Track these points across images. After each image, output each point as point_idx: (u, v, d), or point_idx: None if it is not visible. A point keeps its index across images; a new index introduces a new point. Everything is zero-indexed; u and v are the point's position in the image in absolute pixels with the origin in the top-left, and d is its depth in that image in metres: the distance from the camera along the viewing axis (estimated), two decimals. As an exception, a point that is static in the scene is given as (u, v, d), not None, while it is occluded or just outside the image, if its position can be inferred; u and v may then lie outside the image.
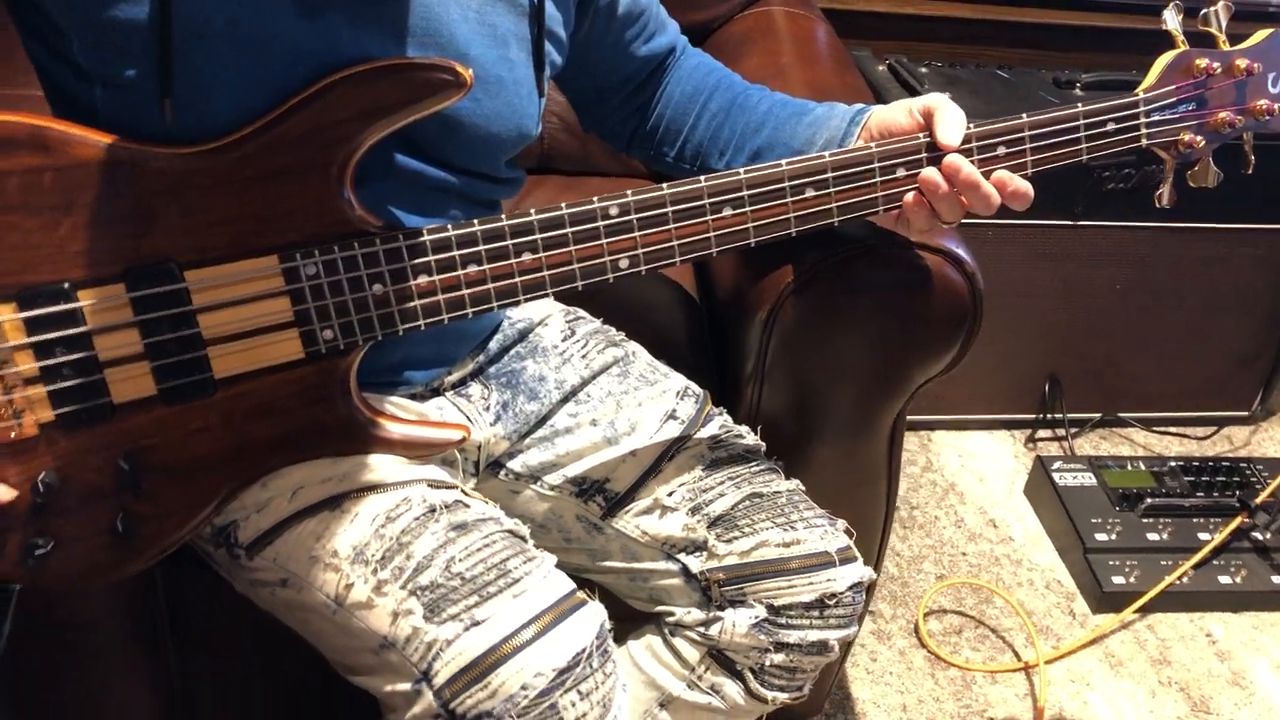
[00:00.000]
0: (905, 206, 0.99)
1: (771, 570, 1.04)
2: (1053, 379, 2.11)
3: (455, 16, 0.92)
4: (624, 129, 1.20)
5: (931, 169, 0.97)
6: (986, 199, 0.98)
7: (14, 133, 0.82)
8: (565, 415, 1.10)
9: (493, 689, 0.85)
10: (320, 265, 0.88)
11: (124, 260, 0.85)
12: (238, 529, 0.96)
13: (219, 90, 0.84)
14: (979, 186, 0.97)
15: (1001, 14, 2.18)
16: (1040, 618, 1.77)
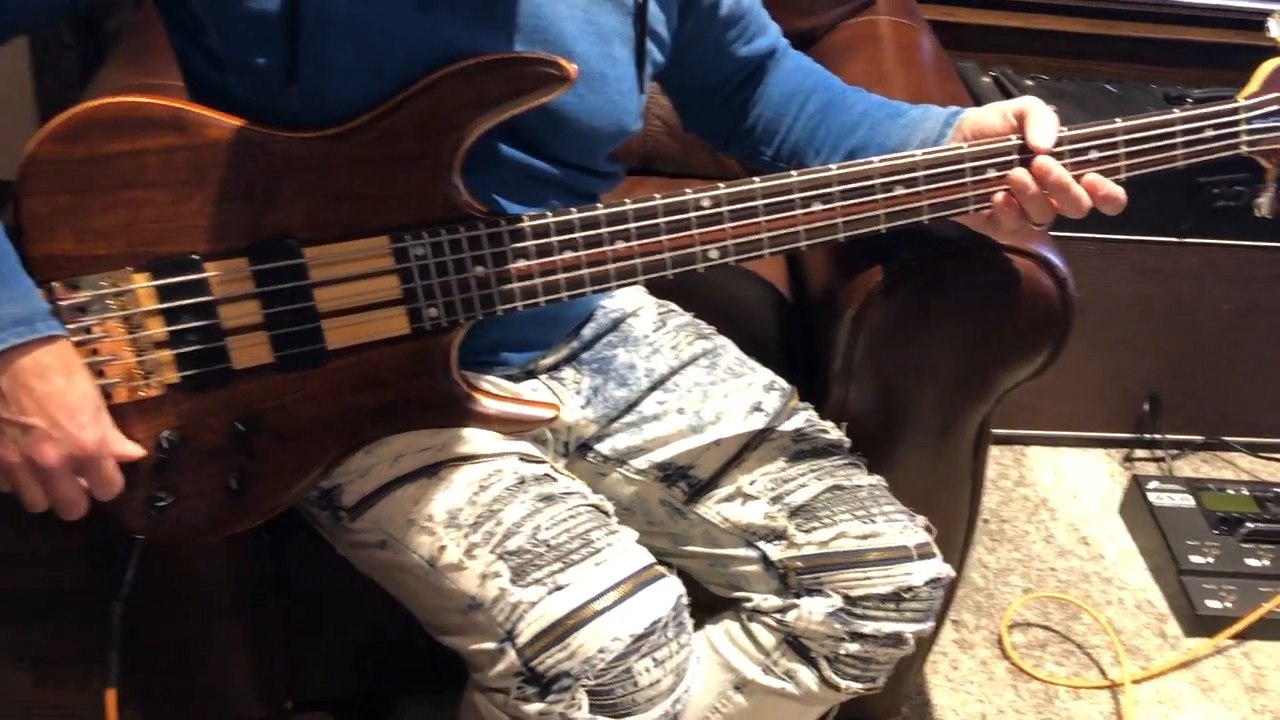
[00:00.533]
0: (994, 206, 1.01)
1: (849, 561, 1.06)
2: (1154, 398, 2.07)
3: (563, 14, 0.97)
4: (722, 127, 1.23)
5: (1021, 169, 0.99)
6: (1076, 201, 0.99)
7: (155, 114, 0.89)
8: (653, 402, 1.14)
9: (571, 650, 0.90)
10: (428, 246, 0.93)
11: (248, 235, 0.92)
12: (342, 492, 1.02)
13: (340, 78, 0.91)
14: (1069, 189, 0.98)
15: (1113, 29, 2.16)
16: (1129, 637, 1.75)
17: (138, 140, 0.88)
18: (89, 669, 1.53)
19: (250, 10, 0.89)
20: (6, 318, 0.84)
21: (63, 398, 0.86)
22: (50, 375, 0.85)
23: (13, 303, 0.85)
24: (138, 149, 0.88)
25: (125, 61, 1.36)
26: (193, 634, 1.27)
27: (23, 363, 0.85)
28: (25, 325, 0.85)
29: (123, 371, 0.94)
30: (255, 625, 1.27)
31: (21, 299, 0.85)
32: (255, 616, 1.26)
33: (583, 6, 0.98)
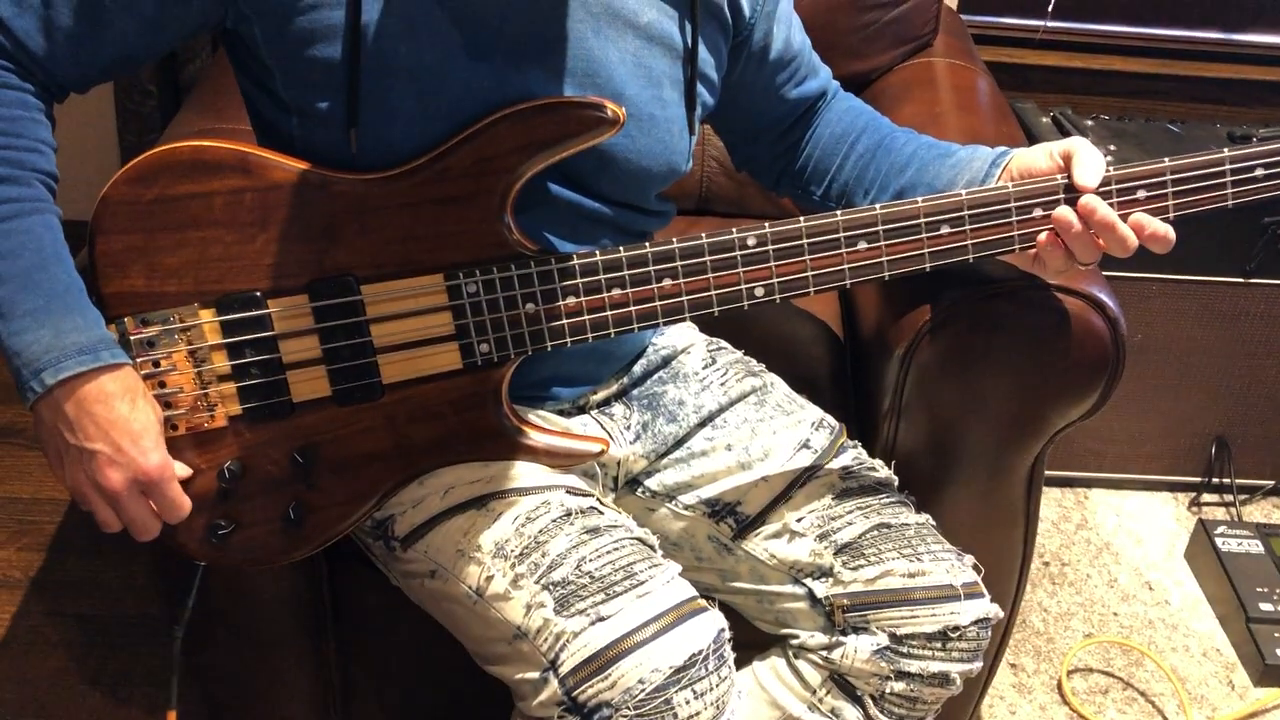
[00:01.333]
0: (1039, 246, 1.01)
1: (895, 599, 1.07)
2: (1220, 442, 2.03)
3: (613, 59, 1.00)
4: (774, 167, 1.25)
5: (1065, 208, 0.99)
6: (1123, 241, 0.99)
7: (223, 157, 0.94)
8: (702, 439, 1.16)
9: (613, 680, 0.91)
10: (480, 284, 0.96)
11: (309, 273, 0.95)
12: (394, 523, 1.05)
13: (398, 122, 0.94)
14: (1114, 228, 0.98)
15: (1176, 68, 2.14)
16: (1194, 686, 1.71)
17: (205, 182, 0.93)
18: (154, 692, 1.57)
19: (314, 57, 0.93)
20: (72, 346, 0.88)
21: (126, 424, 0.90)
22: (113, 401, 0.90)
23: (79, 332, 0.89)
24: (206, 191, 0.93)
25: (199, 107, 1.42)
26: (251, 660, 1.31)
27: (87, 389, 0.89)
28: (90, 354, 0.89)
29: (188, 403, 0.98)
30: (312, 653, 1.30)
31: (88, 329, 0.90)
32: (312, 644, 1.29)
33: (633, 50, 1.01)
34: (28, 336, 0.87)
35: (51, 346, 0.87)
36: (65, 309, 0.89)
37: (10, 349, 0.88)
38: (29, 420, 1.98)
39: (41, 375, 0.88)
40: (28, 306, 0.87)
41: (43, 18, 0.89)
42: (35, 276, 0.88)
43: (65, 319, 0.88)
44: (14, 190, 0.88)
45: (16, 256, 0.87)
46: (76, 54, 0.91)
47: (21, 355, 0.88)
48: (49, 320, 0.88)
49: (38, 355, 0.87)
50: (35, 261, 0.88)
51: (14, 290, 0.87)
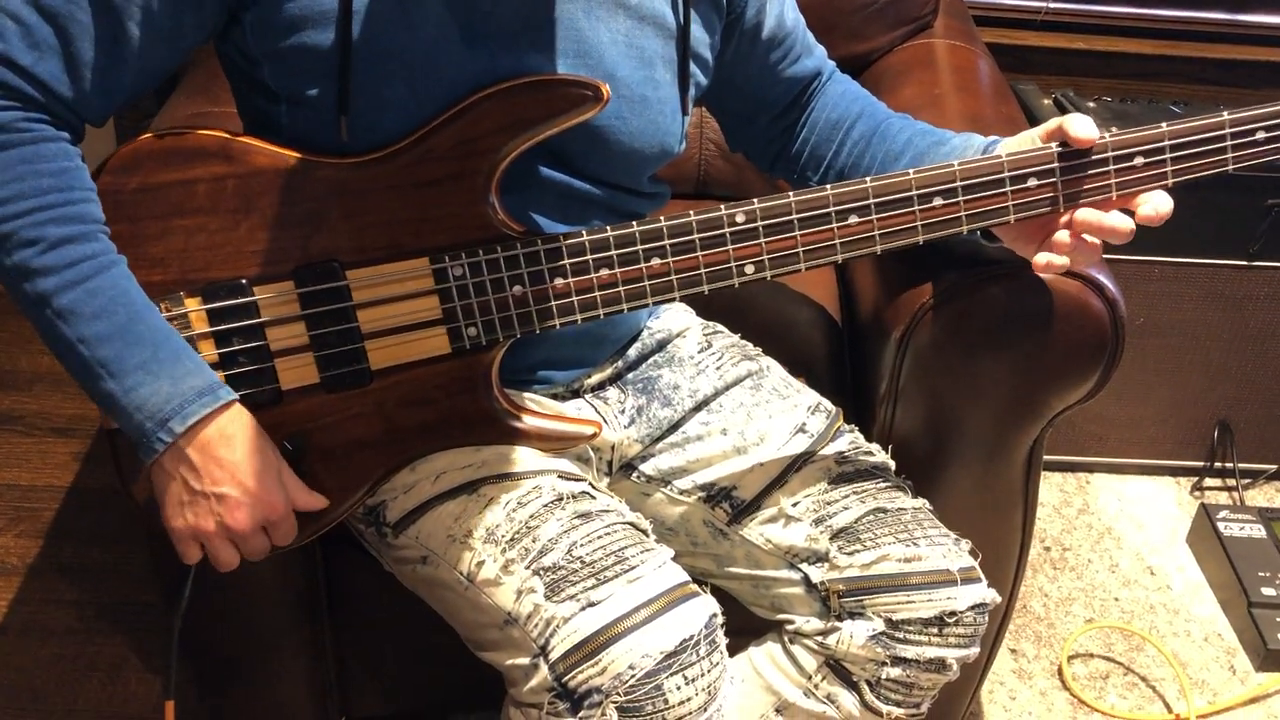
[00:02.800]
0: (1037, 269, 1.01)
1: (891, 584, 1.06)
2: (1223, 426, 2.02)
3: (605, 40, 0.99)
4: (769, 150, 1.24)
5: (1062, 232, 0.99)
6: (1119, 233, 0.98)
7: (205, 144, 0.93)
8: (697, 423, 1.15)
9: (603, 666, 0.90)
10: (466, 267, 0.95)
11: (294, 259, 0.95)
12: (386, 509, 1.04)
13: (390, 108, 0.93)
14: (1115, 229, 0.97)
15: (1179, 49, 2.12)
16: (1196, 670, 1.70)
17: (188, 170, 0.92)
18: (151, 678, 1.57)
19: (303, 44, 0.91)
20: (191, 390, 0.88)
21: (249, 464, 0.90)
22: (235, 443, 0.90)
23: (193, 376, 0.89)
24: (188, 178, 0.92)
25: (191, 90, 1.41)
26: (247, 646, 1.30)
27: (208, 433, 0.89)
28: (210, 395, 0.89)
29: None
30: (308, 640, 1.30)
31: (199, 371, 0.90)
32: (308, 631, 1.29)
33: (625, 30, 1.00)
34: (145, 390, 0.87)
35: (172, 395, 0.87)
36: (173, 356, 0.88)
37: (129, 405, 0.87)
38: (26, 407, 2.01)
39: (169, 424, 0.87)
40: (136, 360, 0.87)
41: (64, 57, 0.86)
42: (135, 329, 0.87)
43: (177, 366, 0.88)
44: (87, 248, 0.87)
45: (111, 314, 0.87)
46: (103, 86, 0.89)
47: (143, 409, 0.87)
48: (162, 370, 0.87)
49: (159, 406, 0.87)
50: (130, 314, 0.88)
51: (118, 347, 0.87)
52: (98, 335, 0.86)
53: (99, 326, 0.86)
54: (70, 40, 0.86)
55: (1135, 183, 0.99)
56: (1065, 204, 1.00)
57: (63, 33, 0.85)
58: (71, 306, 0.86)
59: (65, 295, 0.86)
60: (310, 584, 1.26)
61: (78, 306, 0.86)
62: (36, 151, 0.86)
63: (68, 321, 0.86)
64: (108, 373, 0.87)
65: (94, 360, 0.87)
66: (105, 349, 0.86)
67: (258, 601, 1.26)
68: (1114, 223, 0.97)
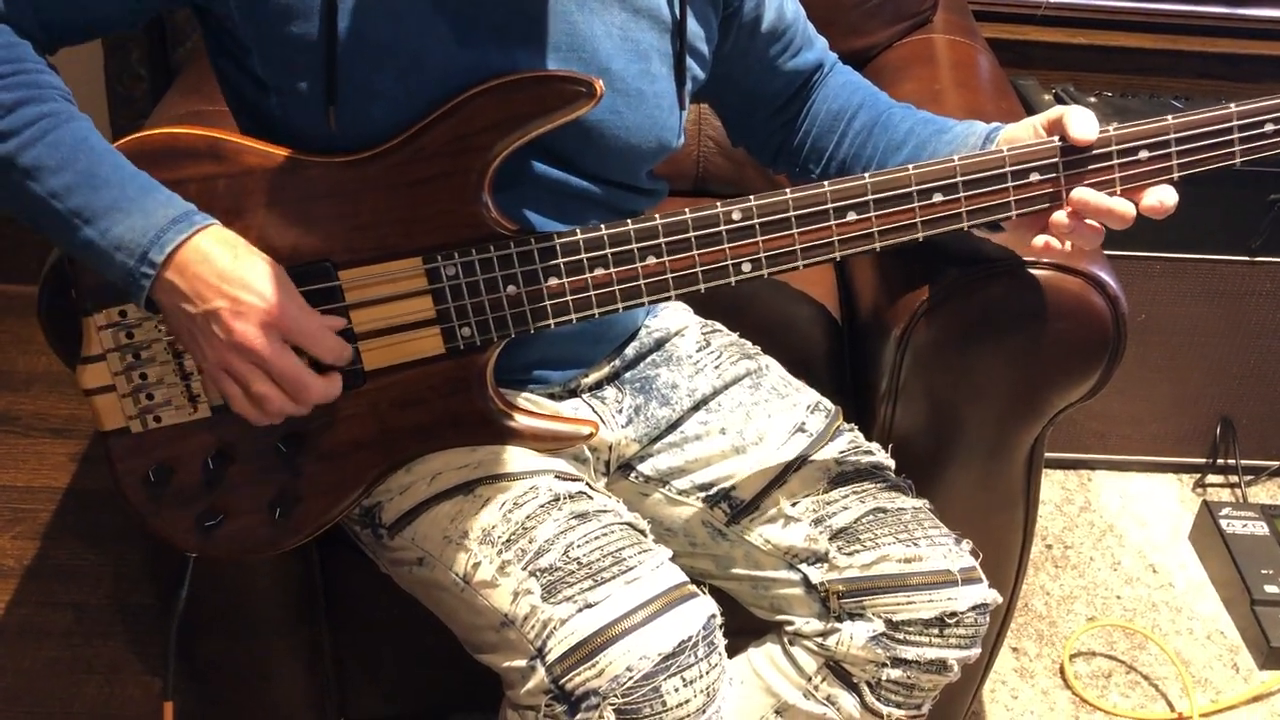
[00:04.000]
0: (1035, 251, 1.00)
1: (891, 585, 1.05)
2: (1225, 422, 2.01)
3: (599, 33, 0.98)
4: (770, 143, 1.23)
5: (1059, 213, 0.97)
6: (1122, 217, 0.97)
7: (195, 144, 0.92)
8: (696, 423, 1.14)
9: (600, 668, 0.89)
10: (459, 267, 0.94)
11: (286, 259, 0.93)
12: (381, 510, 1.03)
13: (378, 101, 0.92)
14: (1111, 211, 0.96)
15: (1181, 44, 2.11)
16: (1199, 669, 1.69)
17: (178, 170, 0.91)
18: (149, 680, 1.56)
19: (291, 34, 0.91)
20: (165, 219, 0.87)
21: (234, 273, 0.87)
22: (214, 258, 0.87)
23: (164, 206, 0.88)
24: (178, 178, 0.91)
25: (185, 89, 1.40)
26: (246, 649, 1.30)
27: (185, 255, 0.87)
28: (185, 221, 0.87)
29: (170, 395, 0.97)
30: (306, 641, 1.29)
31: (170, 202, 0.88)
32: (305, 632, 1.28)
33: (620, 24, 0.99)
34: (120, 228, 0.86)
35: (147, 227, 0.86)
36: (141, 190, 0.88)
37: (109, 247, 0.86)
38: (23, 408, 2.00)
39: (149, 256, 0.86)
40: (106, 201, 0.86)
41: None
42: (100, 172, 0.87)
43: (147, 198, 0.87)
44: (43, 107, 0.87)
45: (74, 162, 0.86)
46: (40, 15, 0.90)
47: (123, 247, 0.86)
48: (132, 206, 0.86)
49: (136, 240, 0.86)
50: (92, 159, 0.87)
51: (87, 194, 0.86)
52: (66, 186, 0.86)
53: (65, 177, 0.86)
54: None
55: (1140, 177, 0.98)
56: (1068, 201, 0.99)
57: None
58: (35, 162, 0.85)
59: (28, 153, 0.85)
60: (307, 585, 1.25)
61: (41, 160, 0.86)
62: None
63: (35, 179, 0.86)
64: (82, 220, 0.86)
65: (68, 212, 0.86)
66: (75, 198, 0.86)
67: (255, 603, 1.25)
68: (1114, 205, 0.96)
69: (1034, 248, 1.01)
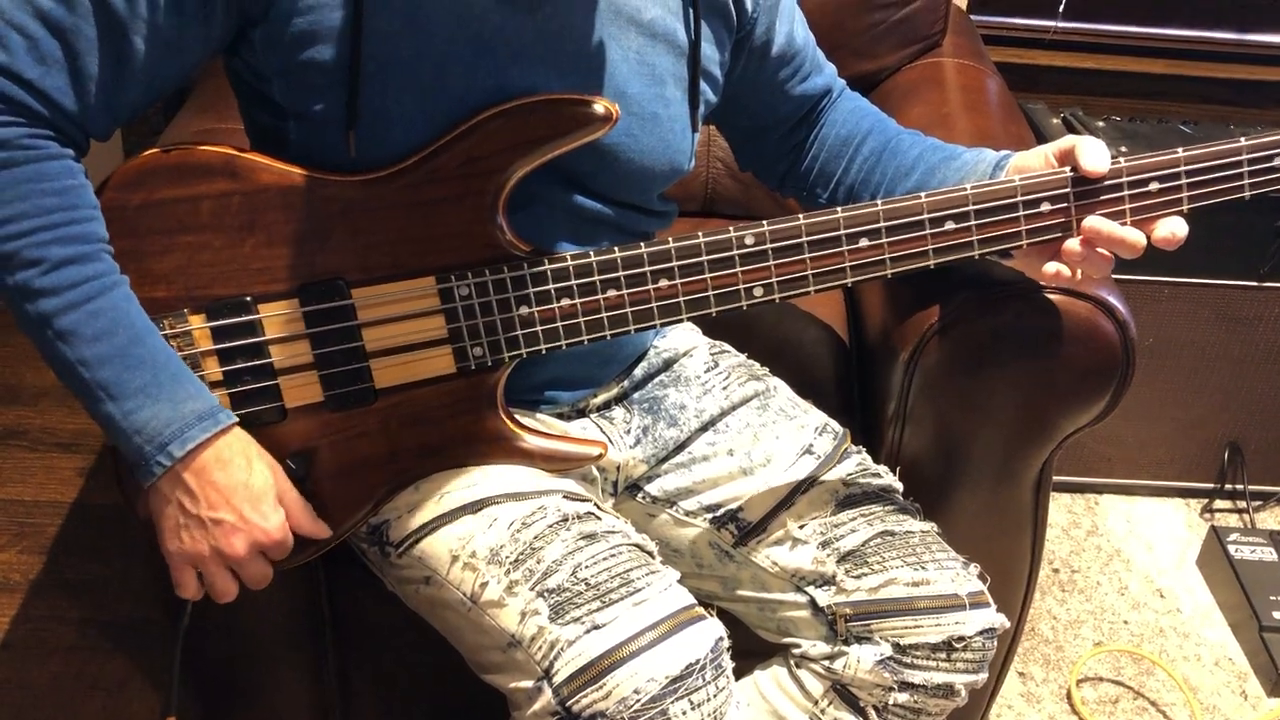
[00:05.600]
0: (1045, 278, 1.01)
1: (899, 609, 1.04)
2: (1233, 447, 2.01)
3: (616, 56, 0.99)
4: (778, 167, 1.23)
5: (1072, 240, 0.98)
6: (1133, 247, 0.97)
7: (210, 160, 0.92)
8: (703, 444, 1.14)
9: (607, 690, 0.89)
10: (472, 286, 0.95)
11: (299, 277, 0.94)
12: (389, 528, 1.03)
13: (398, 123, 0.93)
14: (1123, 241, 0.97)
15: (1189, 69, 2.12)
16: (1207, 695, 1.68)
17: (192, 186, 0.92)
18: (154, 696, 1.56)
19: (314, 59, 0.91)
20: (191, 414, 0.88)
21: (246, 489, 0.90)
22: (232, 468, 0.89)
23: (193, 400, 0.88)
24: (193, 195, 0.91)
25: (197, 108, 1.41)
26: (251, 666, 1.29)
27: (206, 457, 0.88)
28: (210, 419, 0.89)
29: (179, 407, 0.96)
30: (311, 659, 1.29)
31: (198, 394, 0.89)
32: (311, 650, 1.28)
33: (636, 48, 1.00)
34: (145, 414, 0.86)
35: (172, 419, 0.87)
36: (174, 379, 0.88)
37: (128, 429, 0.87)
38: (31, 422, 2.01)
39: (168, 449, 0.87)
40: (137, 384, 0.86)
41: (70, 71, 0.85)
42: (135, 352, 0.87)
43: (177, 389, 0.88)
44: (89, 269, 0.86)
45: (112, 335, 0.86)
46: (108, 100, 0.88)
47: (143, 432, 0.87)
48: (162, 393, 0.87)
49: (159, 430, 0.87)
50: (130, 337, 0.87)
51: (118, 370, 0.86)
52: (98, 357, 0.86)
53: (99, 349, 0.86)
54: (76, 54, 0.85)
55: (1150, 208, 0.98)
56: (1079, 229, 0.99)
57: (69, 47, 0.84)
58: (72, 328, 0.85)
59: (66, 317, 0.85)
60: (313, 603, 1.25)
61: (78, 328, 0.85)
62: (40, 170, 0.85)
63: (68, 343, 0.85)
64: (107, 395, 0.86)
65: (94, 382, 0.86)
66: (105, 371, 0.86)
67: (260, 620, 1.25)
68: (1126, 235, 0.96)
69: (1044, 274, 1.01)
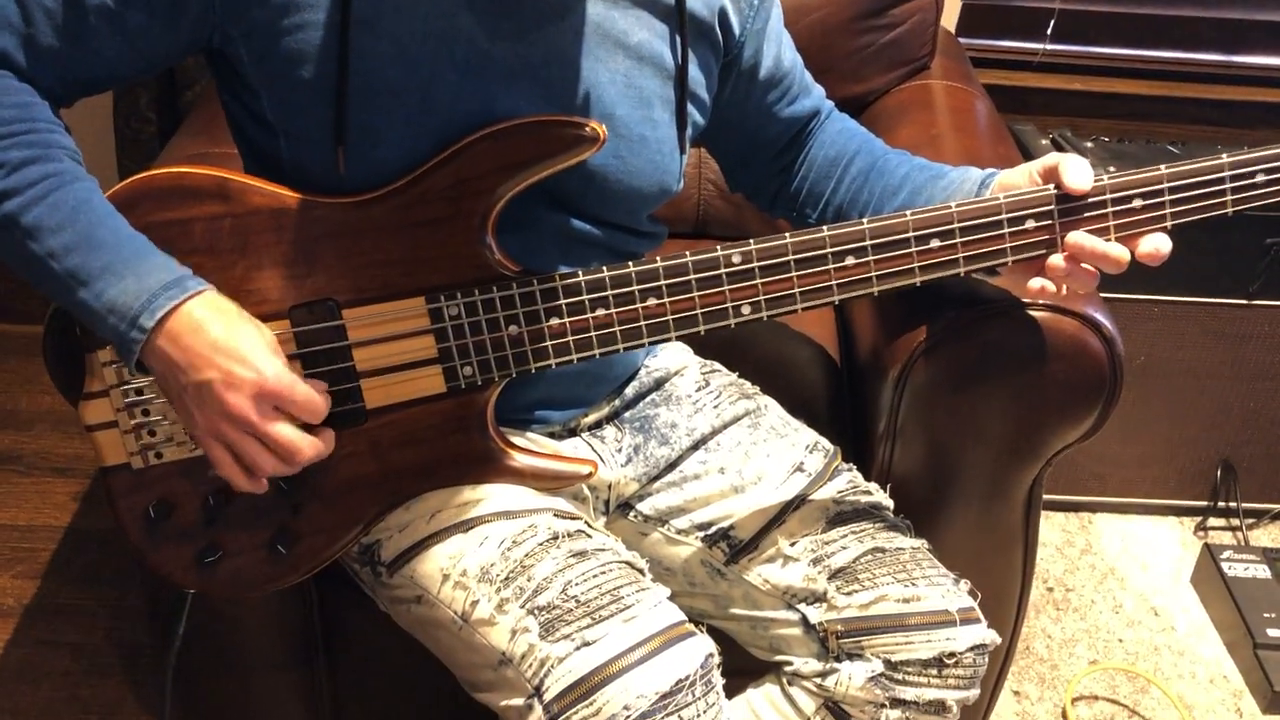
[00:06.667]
0: (1031, 293, 1.01)
1: (890, 625, 1.05)
2: (1226, 465, 2.01)
3: (604, 79, 1.00)
4: (768, 189, 1.24)
5: (1056, 256, 0.98)
6: (1117, 262, 0.98)
7: (202, 184, 0.93)
8: (695, 462, 1.14)
9: (597, 707, 0.89)
10: (462, 307, 0.95)
11: (290, 298, 0.95)
12: (381, 548, 1.03)
13: (386, 143, 0.94)
14: (1106, 256, 0.97)
15: (1177, 90, 2.13)
16: (1202, 713, 1.68)
17: (185, 209, 0.93)
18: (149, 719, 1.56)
19: (302, 78, 0.92)
20: (156, 284, 0.87)
21: (227, 344, 0.88)
22: (207, 327, 0.88)
23: (158, 270, 0.88)
24: (185, 217, 0.92)
25: (193, 132, 1.42)
26: (244, 687, 1.29)
27: (178, 323, 0.87)
28: (176, 287, 0.88)
29: (172, 431, 0.97)
30: (303, 679, 1.29)
31: (164, 266, 0.89)
32: (303, 671, 1.28)
33: (624, 71, 1.01)
34: (113, 291, 0.87)
35: (139, 291, 0.87)
36: (137, 254, 0.88)
37: (102, 310, 0.87)
38: (26, 447, 2.01)
39: (139, 321, 0.87)
40: (101, 263, 0.87)
41: (23, 36, 0.89)
42: (97, 234, 0.88)
43: (141, 263, 0.88)
44: (49, 166, 0.88)
45: (73, 223, 0.87)
46: (61, 73, 0.91)
47: (115, 310, 0.87)
48: (127, 269, 0.87)
49: (129, 304, 0.87)
50: (91, 220, 0.88)
51: (84, 254, 0.87)
52: (64, 246, 0.87)
53: (63, 238, 0.87)
54: (31, 22, 0.89)
55: (1133, 225, 0.99)
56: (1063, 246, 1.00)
57: (26, 14, 0.88)
58: (36, 222, 0.86)
59: (29, 212, 0.86)
60: (305, 623, 1.25)
61: (41, 221, 0.87)
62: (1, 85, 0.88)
63: (35, 238, 0.87)
64: (77, 281, 0.87)
65: (64, 272, 0.87)
66: (72, 258, 0.87)
67: (253, 641, 1.25)
68: (1109, 250, 0.97)
69: (1029, 289, 1.02)
